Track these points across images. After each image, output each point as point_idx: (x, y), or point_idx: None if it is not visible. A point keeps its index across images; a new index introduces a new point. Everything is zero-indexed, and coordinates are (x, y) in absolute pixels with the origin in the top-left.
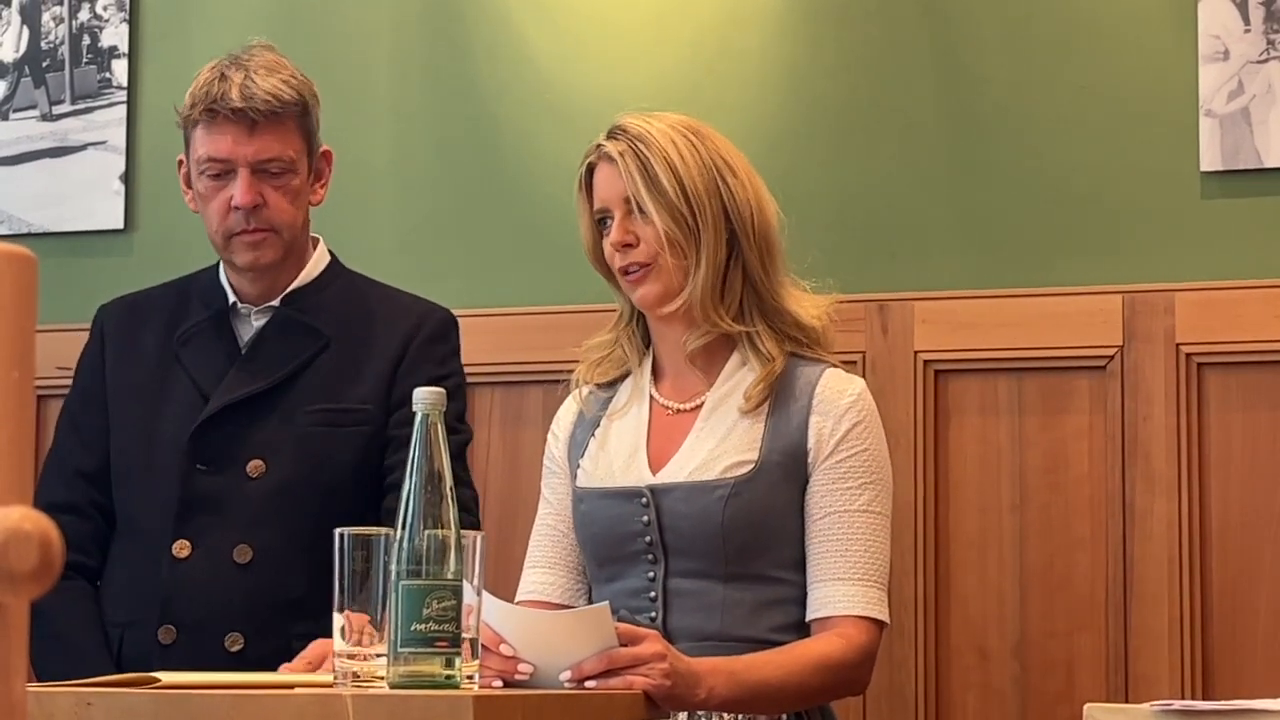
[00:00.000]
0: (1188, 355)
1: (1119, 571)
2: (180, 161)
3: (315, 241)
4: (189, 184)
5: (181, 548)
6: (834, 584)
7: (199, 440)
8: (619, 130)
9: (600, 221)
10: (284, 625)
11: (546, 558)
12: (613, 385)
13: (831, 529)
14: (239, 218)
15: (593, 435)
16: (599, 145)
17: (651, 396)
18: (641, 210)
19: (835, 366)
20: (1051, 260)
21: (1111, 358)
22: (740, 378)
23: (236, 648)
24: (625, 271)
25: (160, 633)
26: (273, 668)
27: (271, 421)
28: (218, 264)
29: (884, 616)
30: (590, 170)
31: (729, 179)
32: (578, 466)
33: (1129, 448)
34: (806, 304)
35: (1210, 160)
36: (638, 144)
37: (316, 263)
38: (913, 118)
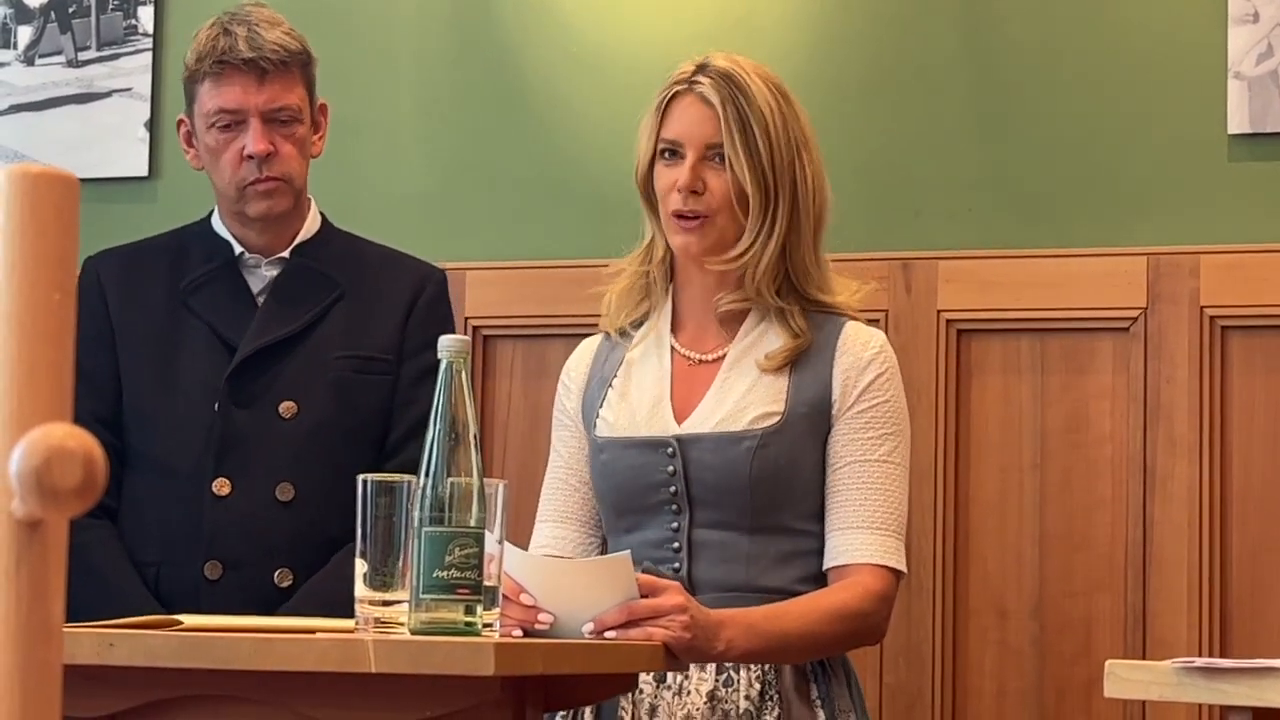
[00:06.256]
0: (1211, 318)
1: (1139, 533)
2: (180, 121)
3: (309, 200)
4: (190, 143)
5: (222, 485)
6: (852, 532)
7: (232, 381)
8: (716, 72)
9: (664, 152)
10: (328, 562)
11: (558, 511)
12: (633, 328)
13: (851, 478)
14: (252, 167)
15: (611, 385)
16: (691, 79)
17: (672, 346)
18: (721, 160)
19: (853, 319)
20: (1076, 221)
21: (1135, 319)
22: (760, 333)
23: (286, 583)
24: (680, 215)
25: (206, 568)
26: None
27: (301, 365)
28: (209, 217)
29: (901, 566)
30: (670, 98)
31: (804, 154)
32: (596, 416)
33: (1151, 410)
34: (842, 292)
35: (1238, 123)
36: (738, 96)
37: (314, 219)
38: (939, 77)
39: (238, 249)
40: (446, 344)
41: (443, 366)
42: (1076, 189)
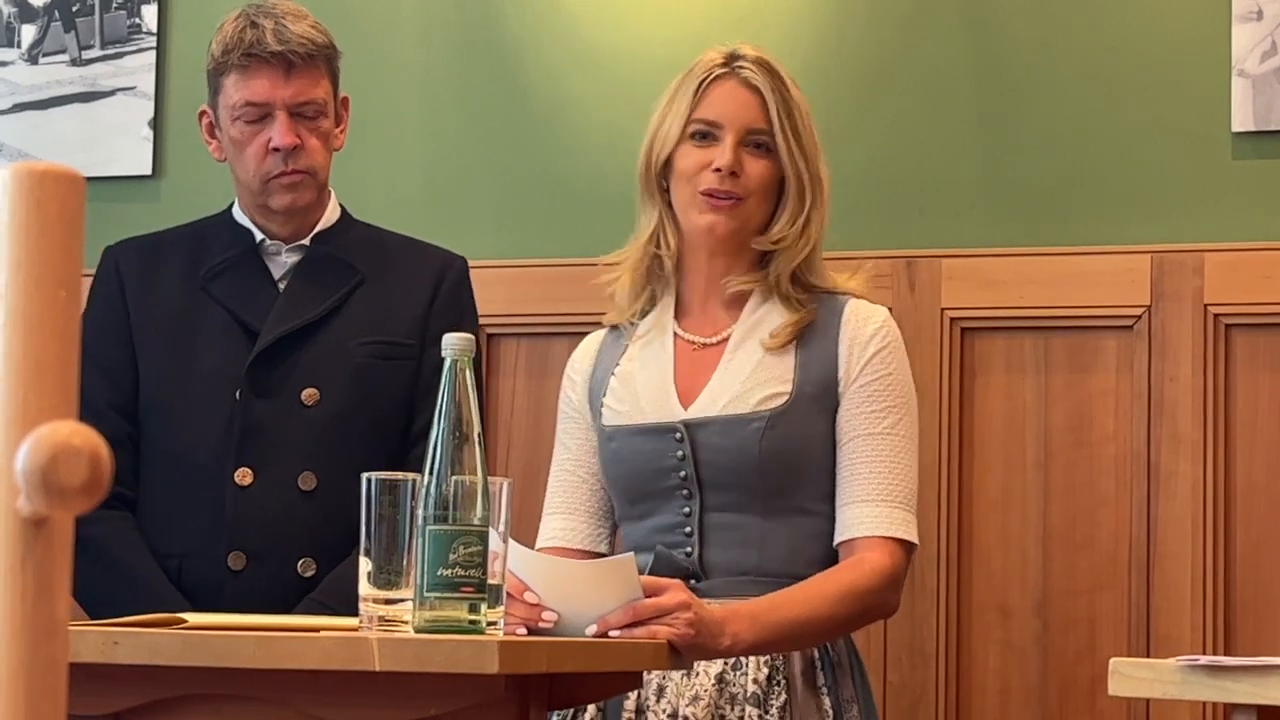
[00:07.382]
0: (1215, 316)
1: (1142, 531)
2: (203, 112)
3: (329, 191)
4: (212, 134)
5: (244, 475)
6: (860, 505)
7: (254, 370)
8: (754, 60)
9: (695, 134)
10: (351, 551)
11: (566, 504)
12: (638, 320)
13: (857, 452)
14: (277, 160)
15: (613, 374)
16: (733, 65)
17: (675, 332)
18: (756, 147)
19: (857, 297)
20: (1080, 219)
21: (1139, 317)
22: (764, 312)
23: (310, 573)
24: (712, 195)
25: (230, 559)
26: None
27: (323, 352)
28: (229, 208)
29: (910, 537)
30: (709, 80)
31: (817, 144)
32: (601, 405)
33: (1155, 408)
34: (840, 285)
35: (1242, 121)
36: (780, 84)
37: (334, 209)
38: (943, 75)
39: (259, 236)
40: (450, 342)
41: (446, 364)
42: (1080, 187)
